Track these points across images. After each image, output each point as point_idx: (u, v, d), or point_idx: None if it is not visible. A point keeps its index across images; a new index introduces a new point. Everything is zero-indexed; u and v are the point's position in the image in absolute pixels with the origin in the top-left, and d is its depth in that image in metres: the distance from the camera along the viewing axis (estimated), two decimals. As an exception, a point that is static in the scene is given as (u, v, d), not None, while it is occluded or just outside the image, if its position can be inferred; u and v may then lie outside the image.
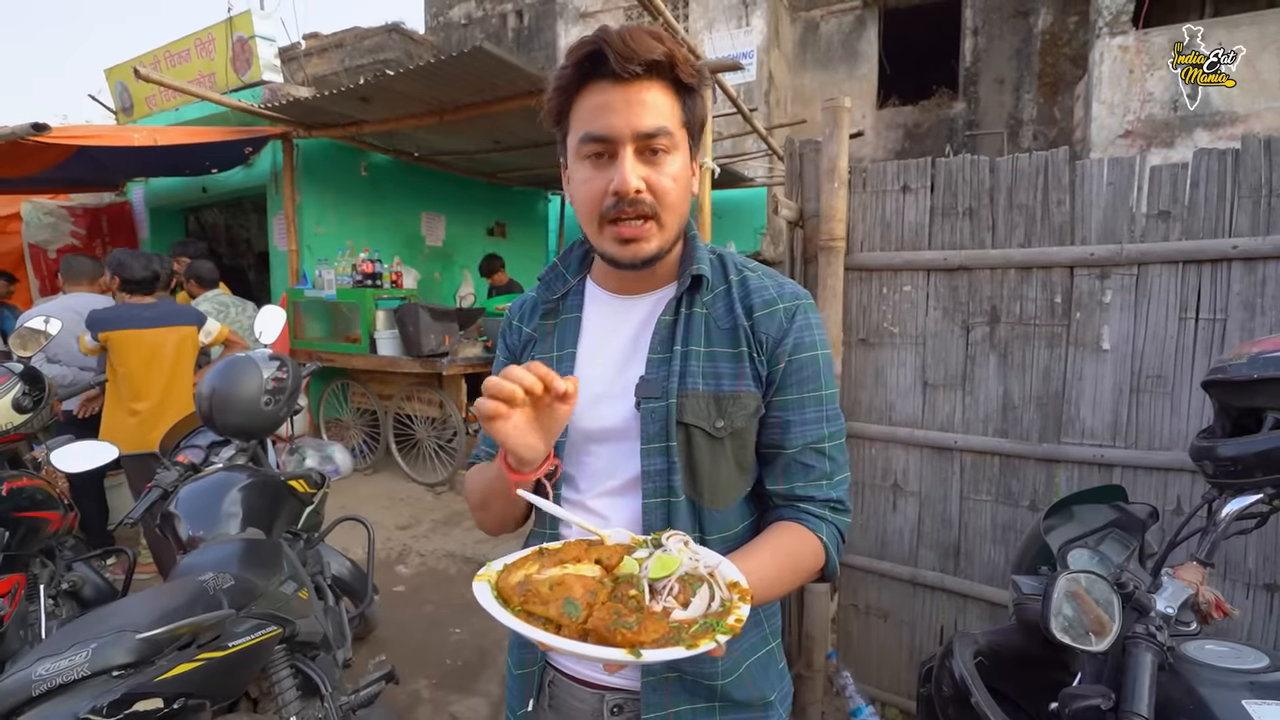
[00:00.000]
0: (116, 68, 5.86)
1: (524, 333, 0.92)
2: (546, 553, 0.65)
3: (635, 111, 0.72)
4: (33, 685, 0.99)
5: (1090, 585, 0.99)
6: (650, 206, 0.74)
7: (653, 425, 0.78)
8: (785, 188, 2.29)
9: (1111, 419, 1.82)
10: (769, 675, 0.86)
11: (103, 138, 3.94)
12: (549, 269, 0.92)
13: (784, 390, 0.80)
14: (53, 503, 2.11)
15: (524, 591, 0.58)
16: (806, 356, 0.81)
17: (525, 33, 11.04)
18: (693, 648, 0.53)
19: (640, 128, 0.72)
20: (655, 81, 0.73)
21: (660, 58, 0.71)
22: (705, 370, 0.79)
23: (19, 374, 2.15)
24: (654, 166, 0.74)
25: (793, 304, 0.82)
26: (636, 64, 0.70)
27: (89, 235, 5.67)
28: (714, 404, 0.78)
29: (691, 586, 0.59)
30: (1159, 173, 1.75)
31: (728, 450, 0.80)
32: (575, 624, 0.56)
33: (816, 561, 0.80)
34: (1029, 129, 8.71)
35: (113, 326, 2.90)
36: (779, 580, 0.75)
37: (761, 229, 7.24)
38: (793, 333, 0.80)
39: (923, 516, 2.12)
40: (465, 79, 3.70)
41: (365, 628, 2.75)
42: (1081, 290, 1.85)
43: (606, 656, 0.53)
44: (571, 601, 0.57)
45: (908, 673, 2.17)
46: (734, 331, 0.81)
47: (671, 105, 0.74)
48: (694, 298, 0.82)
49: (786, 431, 0.81)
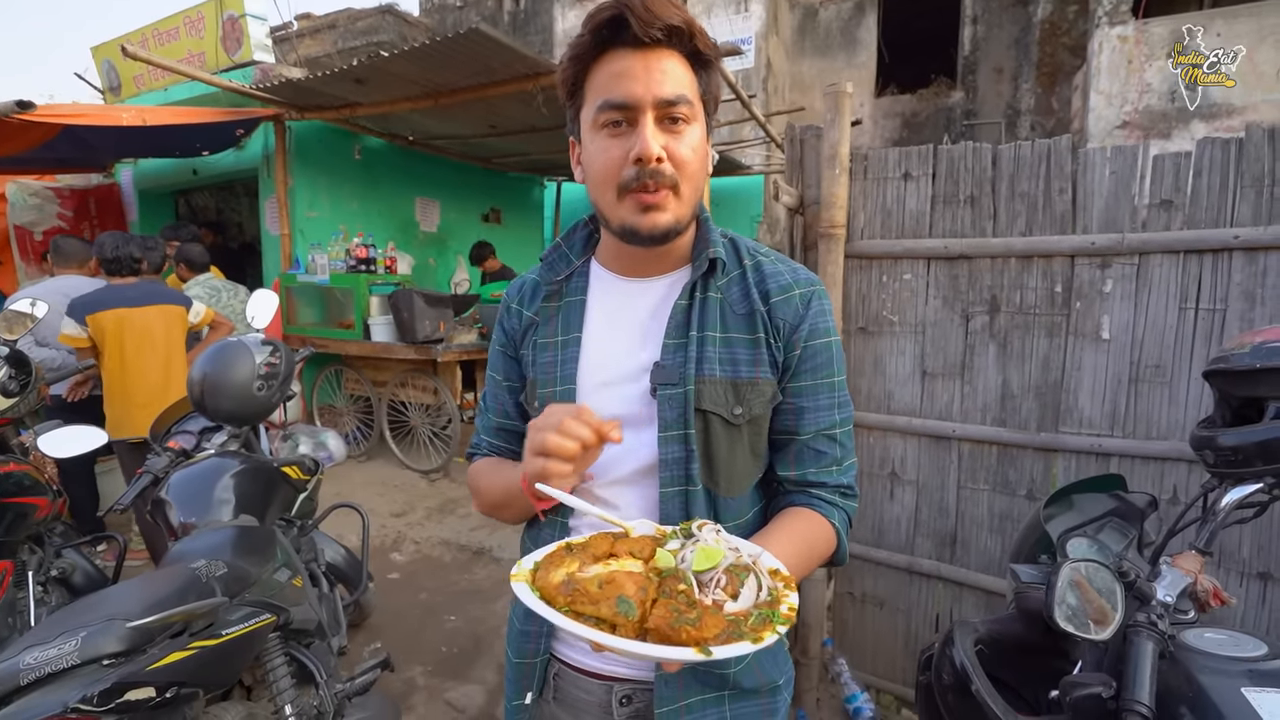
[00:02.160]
0: (103, 46, 5.74)
1: (524, 316, 0.89)
2: (575, 547, 0.63)
3: (656, 78, 0.71)
4: (20, 674, 0.97)
5: (1093, 574, 0.98)
6: (670, 177, 0.72)
7: (670, 412, 0.77)
8: (785, 174, 2.27)
9: (1110, 408, 1.82)
10: (777, 660, 0.86)
11: (90, 117, 3.86)
12: (551, 249, 0.89)
13: (799, 377, 0.80)
14: (40, 488, 2.08)
15: (570, 591, 0.56)
16: (821, 343, 0.80)
17: (521, 16, 10.89)
18: (758, 641, 0.52)
19: (662, 94, 0.71)
20: (674, 50, 0.72)
21: (680, 24, 0.70)
22: (722, 356, 0.78)
23: (4, 357, 2.11)
24: (674, 135, 0.72)
25: (808, 290, 0.81)
26: (658, 28, 0.69)
27: (76, 217, 5.57)
28: (732, 390, 0.77)
29: (739, 577, 0.58)
30: (1161, 162, 1.73)
31: (744, 437, 0.79)
32: (632, 623, 0.54)
33: (829, 547, 0.80)
34: (1027, 119, 8.68)
35: (99, 308, 2.85)
36: (799, 565, 0.75)
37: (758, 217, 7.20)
38: (809, 319, 0.79)
39: (920, 505, 2.12)
40: (461, 61, 3.64)
41: (360, 615, 2.75)
42: (1082, 279, 1.84)
43: (675, 656, 0.51)
44: (625, 600, 0.54)
45: (903, 660, 2.18)
46: (750, 317, 0.79)
47: (690, 76, 0.73)
48: (709, 282, 0.80)
49: (800, 418, 0.80)
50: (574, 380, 0.82)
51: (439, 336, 4.41)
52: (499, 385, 0.92)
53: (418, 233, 6.22)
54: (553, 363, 0.83)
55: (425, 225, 6.30)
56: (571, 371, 0.82)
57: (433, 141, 5.70)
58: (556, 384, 0.82)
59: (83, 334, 2.83)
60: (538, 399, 0.84)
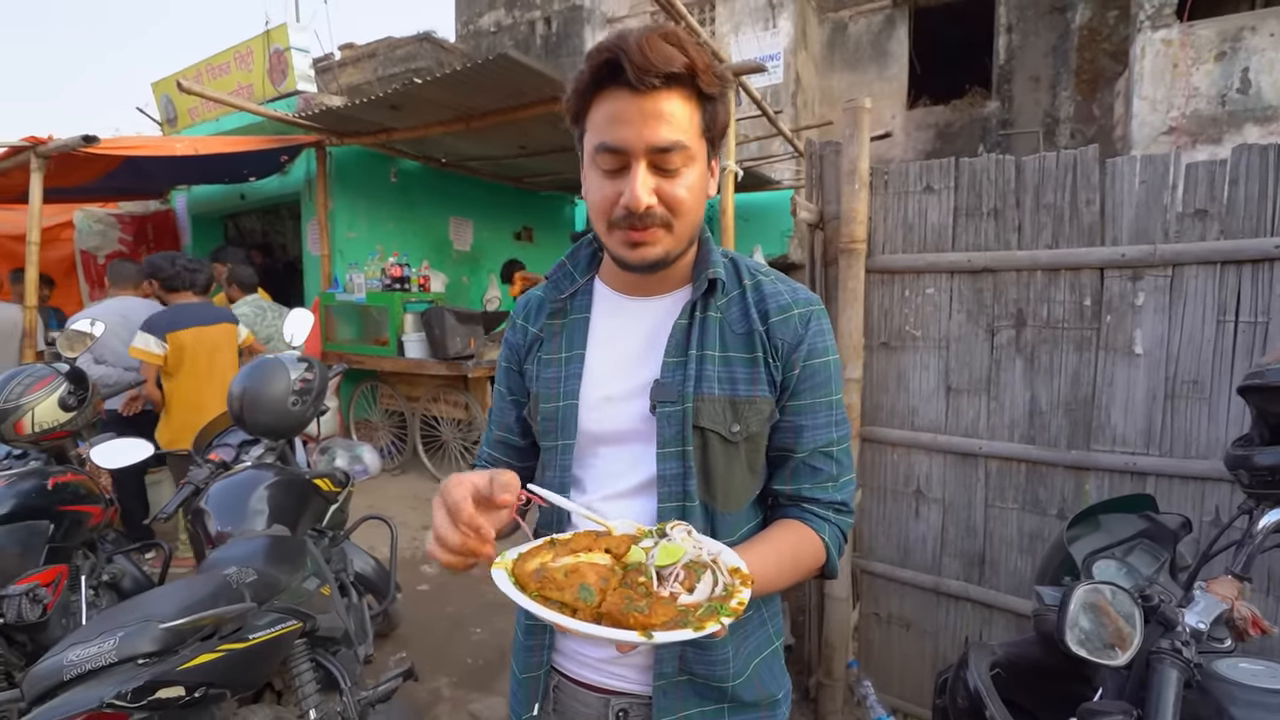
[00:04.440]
0: (162, 81, 6.11)
1: (529, 332, 0.91)
2: (558, 543, 0.67)
3: (650, 125, 0.70)
4: (64, 670, 1.03)
5: (1111, 596, 0.95)
6: (661, 217, 0.73)
7: (669, 429, 0.78)
8: (805, 190, 2.27)
9: (1145, 425, 1.76)
10: (775, 674, 0.87)
11: (148, 148, 4.11)
12: (556, 268, 0.91)
13: (798, 395, 0.81)
14: (95, 497, 2.20)
15: (540, 578, 0.61)
16: (819, 363, 0.81)
17: (553, 39, 11.16)
18: (699, 629, 0.56)
19: (654, 142, 0.70)
20: (674, 91, 0.71)
21: (679, 69, 0.69)
22: (721, 375, 0.79)
23: (64, 374, 2.25)
24: (668, 178, 0.73)
25: (807, 310, 0.82)
26: (654, 76, 0.68)
27: (135, 241, 5.91)
28: (730, 408, 0.79)
29: (696, 573, 0.62)
30: (1195, 170, 1.68)
31: (741, 454, 0.80)
32: (590, 608, 0.58)
33: (817, 560, 0.81)
34: (1066, 127, 8.46)
35: (177, 326, 3.06)
36: (779, 574, 0.76)
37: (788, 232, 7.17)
38: (808, 339, 0.80)
39: (946, 524, 2.07)
40: (491, 85, 3.76)
41: (388, 625, 2.80)
42: (1112, 292, 1.79)
43: (620, 637, 0.55)
44: (586, 587, 0.59)
45: (930, 684, 2.12)
46: (749, 336, 0.81)
47: (690, 115, 0.73)
48: (709, 301, 0.82)
49: (798, 436, 0.81)
50: (576, 396, 0.83)
51: (469, 353, 4.52)
52: (504, 399, 0.95)
53: (452, 251, 6.39)
54: (556, 379, 0.85)
55: (459, 244, 6.47)
56: (574, 387, 0.84)
57: (466, 163, 5.87)
58: (560, 399, 0.84)
59: (160, 350, 3.03)
60: (540, 414, 0.86)
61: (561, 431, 0.84)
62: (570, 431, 0.83)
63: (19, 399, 2.10)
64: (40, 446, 2.20)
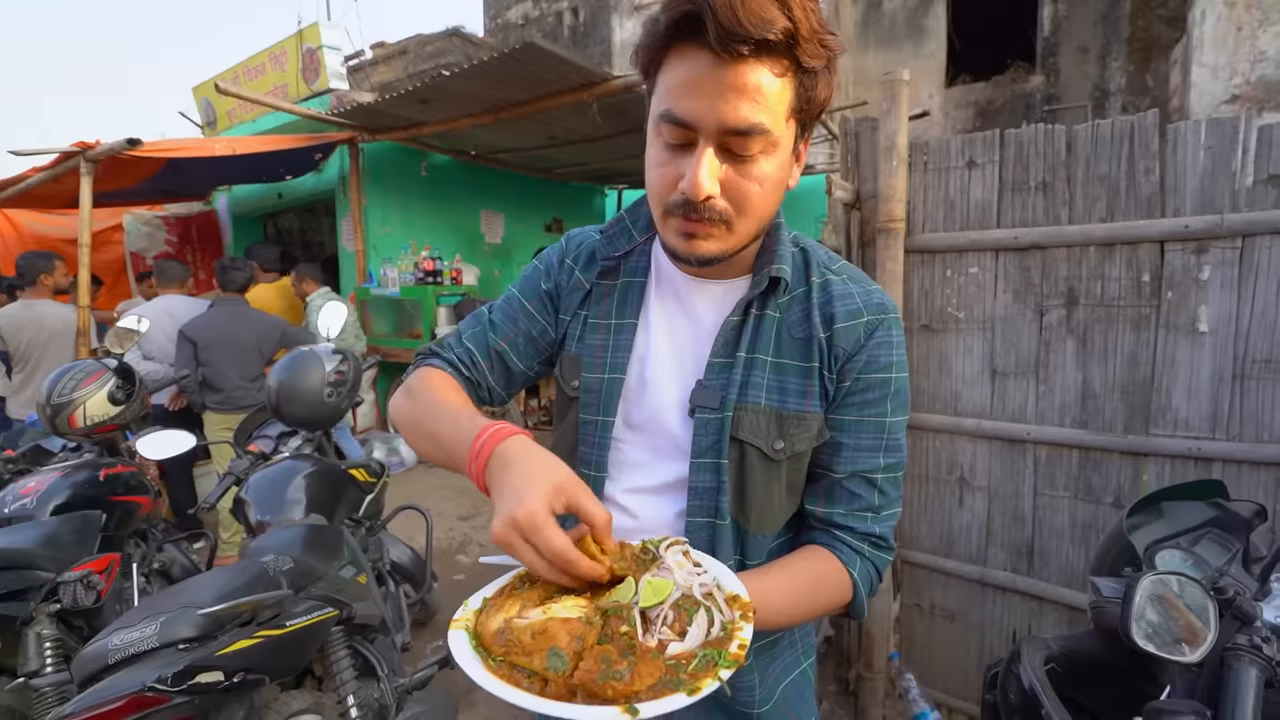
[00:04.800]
0: (202, 85, 6.28)
1: (575, 278, 0.81)
2: (529, 582, 0.59)
3: (729, 101, 0.58)
4: (109, 654, 1.06)
5: (1181, 588, 0.88)
6: (722, 213, 0.63)
7: (705, 438, 0.71)
8: (840, 169, 2.20)
9: (1210, 408, 1.64)
10: (805, 698, 0.81)
11: (188, 150, 4.23)
12: (614, 222, 0.82)
13: (843, 409, 0.72)
14: (144, 488, 2.28)
15: (504, 641, 0.52)
16: (877, 378, 0.72)
17: (581, 29, 11.11)
18: (694, 692, 0.48)
19: (730, 122, 0.58)
20: (766, 61, 0.57)
21: (778, 35, 0.55)
22: (770, 383, 0.71)
23: (113, 369, 2.32)
24: (738, 166, 0.61)
25: (876, 318, 0.72)
26: (743, 42, 0.55)
27: (180, 242, 6.12)
28: (775, 422, 0.71)
29: (688, 612, 0.53)
30: (1269, 132, 1.56)
31: (782, 474, 0.72)
32: (562, 678, 0.50)
33: (841, 596, 0.72)
34: (1116, 100, 8.04)
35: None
36: (794, 607, 0.68)
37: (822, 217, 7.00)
38: (868, 349, 0.71)
39: (992, 513, 1.99)
40: (518, 76, 3.75)
41: (426, 614, 2.84)
42: (1174, 267, 1.67)
43: (598, 718, 0.47)
44: (556, 653, 0.50)
45: (976, 678, 2.04)
46: (808, 343, 0.72)
47: (782, 91, 0.60)
48: (767, 299, 0.73)
49: (837, 454, 0.73)
50: (624, 370, 0.76)
51: (502, 344, 4.54)
52: (520, 314, 0.83)
53: (483, 244, 6.44)
54: (603, 347, 0.78)
55: (490, 237, 6.52)
56: (623, 360, 0.76)
57: (495, 155, 5.89)
58: (605, 370, 0.77)
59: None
60: (580, 380, 0.78)
61: (603, 407, 0.76)
62: (612, 408, 0.76)
63: (71, 393, 2.18)
64: (92, 439, 2.28)
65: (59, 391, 2.17)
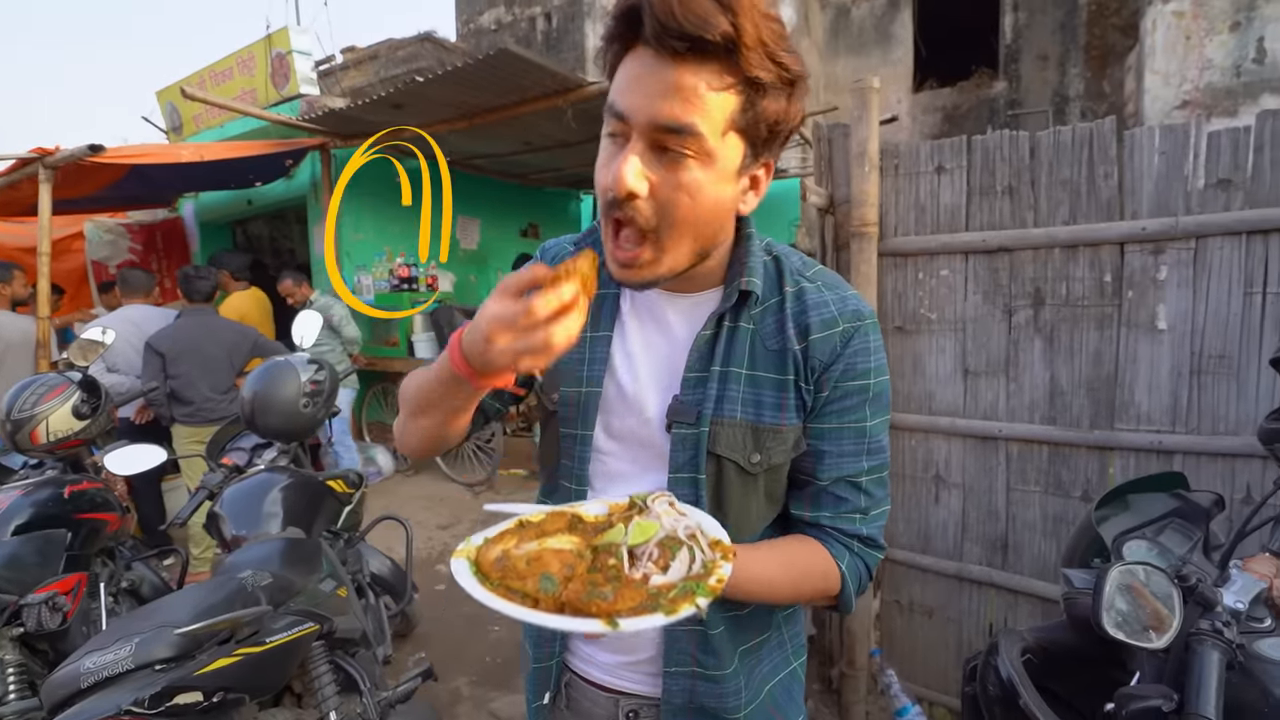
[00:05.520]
0: (166, 89, 6.13)
1: None
2: (527, 525, 0.63)
3: (663, 97, 0.57)
4: (81, 678, 1.03)
5: (1148, 577, 0.92)
6: (648, 220, 0.61)
7: (682, 454, 0.71)
8: (814, 174, 2.24)
9: (1170, 403, 1.71)
10: (793, 698, 0.81)
11: (154, 156, 4.12)
12: (588, 232, 0.81)
13: (823, 418, 0.72)
14: (111, 505, 2.21)
15: (502, 568, 0.57)
16: (855, 385, 0.71)
17: (554, 34, 11.11)
18: (672, 614, 0.52)
19: (658, 117, 0.57)
20: (706, 63, 0.56)
21: (716, 37, 0.55)
22: (746, 396, 0.71)
23: (77, 383, 2.25)
24: (668, 168, 0.60)
25: (852, 325, 0.71)
26: (676, 37, 0.55)
27: (145, 250, 5.94)
28: (752, 436, 0.70)
29: (671, 550, 0.57)
30: (1217, 139, 1.63)
31: (760, 485, 0.72)
32: (552, 598, 0.54)
33: (827, 584, 0.72)
34: (1076, 105, 8.31)
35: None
36: (778, 584, 0.69)
37: (796, 220, 7.09)
38: (844, 358, 0.71)
39: (967, 509, 2.04)
40: (493, 82, 3.73)
41: (406, 626, 2.81)
42: (1133, 267, 1.74)
43: (582, 627, 0.52)
44: (548, 576, 0.55)
45: (955, 671, 2.09)
46: (783, 355, 0.71)
47: (722, 101, 0.58)
48: (740, 311, 0.72)
49: (820, 461, 0.73)
50: (600, 383, 0.76)
51: (479, 351, 4.51)
52: None
53: (458, 250, 6.38)
54: (579, 360, 0.78)
55: (466, 243, 6.47)
56: (599, 373, 0.76)
57: (470, 161, 5.85)
58: (583, 384, 0.77)
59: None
60: (559, 394, 0.79)
61: (581, 420, 0.76)
62: (590, 421, 0.76)
63: (33, 408, 2.11)
64: (55, 455, 2.21)
65: (19, 407, 2.10)
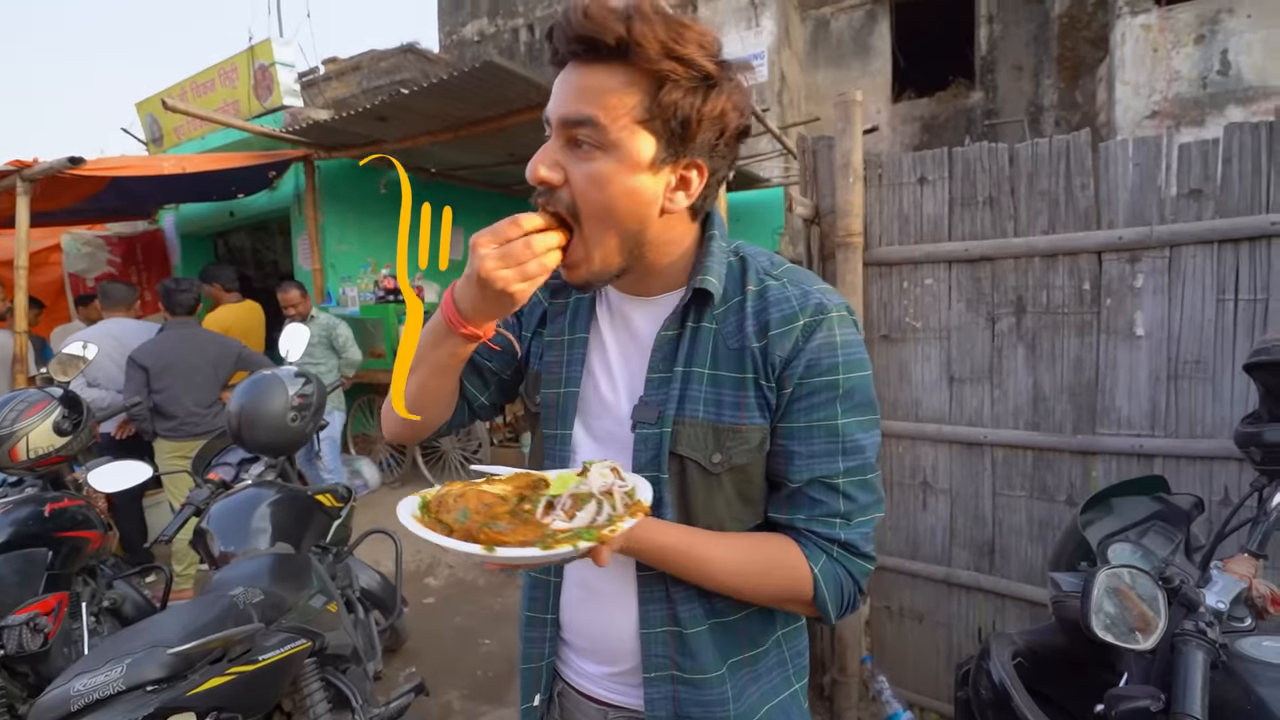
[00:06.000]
0: (146, 100, 6.06)
1: (536, 298, 0.85)
2: (492, 480, 0.68)
3: (568, 96, 0.65)
4: (71, 701, 1.01)
5: (1133, 580, 0.94)
6: (568, 207, 0.66)
7: (645, 454, 0.72)
8: (800, 185, 2.27)
9: (1149, 407, 1.76)
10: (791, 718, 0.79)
11: (134, 168, 4.07)
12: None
13: (789, 417, 0.70)
14: (93, 522, 2.17)
15: (438, 503, 0.63)
16: (822, 380, 0.69)
17: (537, 46, 11.14)
18: (547, 549, 0.56)
19: (564, 113, 0.64)
20: (608, 65, 0.63)
21: (611, 40, 0.61)
22: (707, 396, 0.71)
23: (58, 398, 2.21)
24: (578, 160, 0.65)
25: (814, 319, 0.69)
26: (575, 43, 0.63)
27: (124, 263, 5.85)
28: (712, 435, 0.70)
29: (582, 502, 0.62)
30: (1188, 151, 1.69)
31: (725, 485, 0.72)
32: (461, 527, 0.59)
33: (797, 585, 0.70)
34: (1050, 115, 8.51)
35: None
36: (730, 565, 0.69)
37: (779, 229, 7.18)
38: (806, 353, 0.69)
39: (954, 514, 2.07)
40: (478, 94, 3.75)
41: (396, 640, 2.77)
42: (1111, 275, 1.79)
43: (463, 549, 0.56)
44: (465, 511, 0.61)
45: (946, 676, 2.11)
46: (741, 354, 0.71)
47: (622, 94, 0.63)
48: (702, 311, 0.73)
49: (790, 463, 0.71)
50: (578, 383, 0.79)
51: (467, 361, 4.49)
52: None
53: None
54: (559, 363, 0.81)
55: (451, 253, 6.45)
56: (576, 374, 0.79)
57: (455, 172, 5.85)
58: (561, 385, 0.80)
59: None
60: (540, 396, 0.82)
61: (560, 420, 0.79)
62: (569, 421, 0.78)
63: (12, 425, 2.06)
64: (36, 472, 2.16)
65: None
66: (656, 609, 0.74)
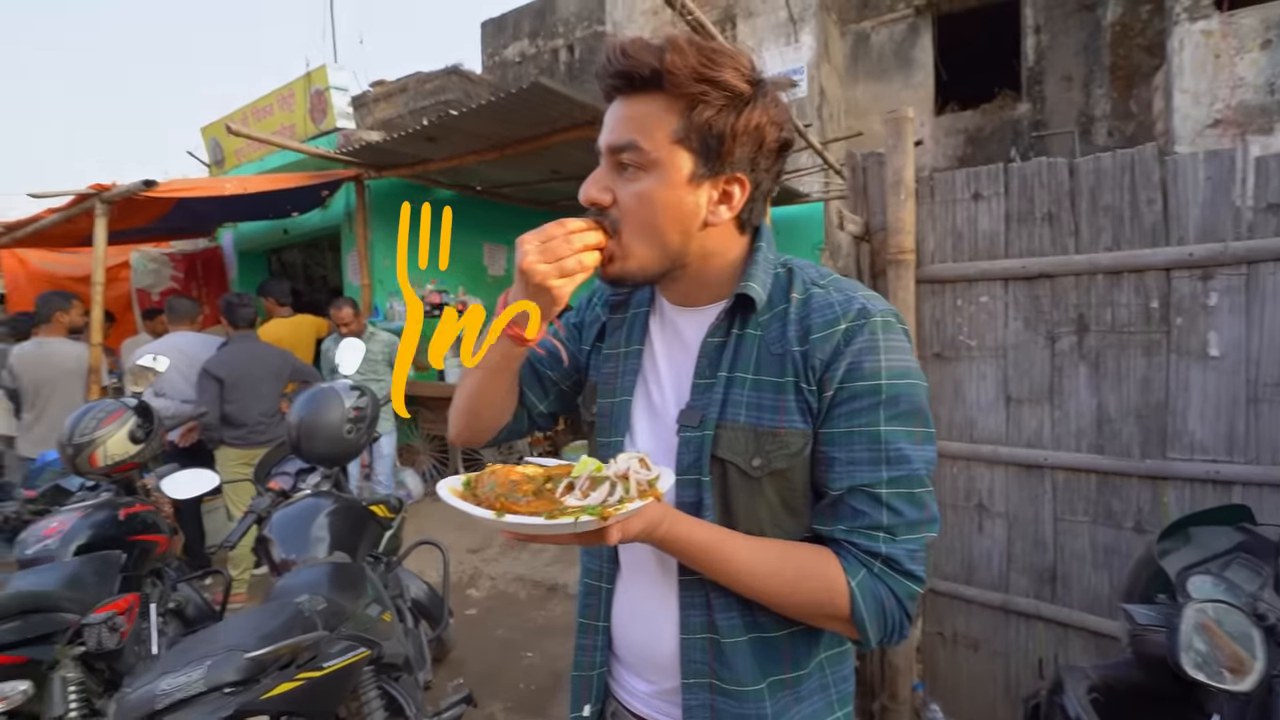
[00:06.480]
0: (210, 125, 6.40)
1: (595, 312, 0.92)
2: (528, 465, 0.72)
3: (614, 126, 0.71)
4: (156, 699, 1.05)
5: (1222, 616, 0.90)
6: (612, 223, 0.72)
7: (687, 456, 0.74)
8: (849, 202, 2.25)
9: (1226, 431, 1.67)
10: None
11: (200, 189, 4.29)
12: None
13: (830, 422, 0.70)
14: (161, 526, 2.27)
15: (477, 479, 0.68)
16: (863, 385, 0.69)
17: (576, 65, 11.37)
18: (551, 518, 0.60)
19: (608, 140, 0.72)
20: (646, 95, 0.69)
21: (645, 72, 0.68)
22: (749, 400, 0.73)
23: (133, 408, 2.33)
24: (621, 178, 0.72)
25: (856, 323, 0.70)
26: (614, 78, 0.70)
27: (186, 278, 6.16)
28: (753, 439, 0.71)
29: (599, 484, 0.65)
30: (1266, 164, 1.62)
31: (767, 491, 0.72)
32: (486, 499, 0.64)
33: (831, 599, 0.68)
34: (1102, 125, 8.25)
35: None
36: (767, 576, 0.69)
37: (820, 244, 7.12)
38: (847, 356, 0.69)
39: (1012, 538, 2.00)
40: (524, 114, 3.84)
41: (442, 650, 2.81)
42: (1181, 294, 1.72)
43: (476, 513, 0.61)
44: (493, 485, 0.65)
45: (1003, 707, 2.03)
46: (783, 358, 0.72)
47: (659, 118, 0.69)
48: (747, 318, 0.75)
49: (830, 469, 0.71)
50: (631, 392, 0.82)
51: (509, 375, 4.56)
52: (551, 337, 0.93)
53: (486, 277, 6.50)
54: (614, 374, 0.85)
55: (493, 269, 6.59)
56: (630, 384, 0.83)
57: (499, 189, 5.99)
58: (616, 394, 0.83)
59: None
60: (598, 407, 0.85)
61: (614, 428, 0.82)
62: (621, 428, 0.81)
63: (93, 433, 2.18)
64: (111, 478, 2.28)
65: (80, 431, 2.18)
66: (696, 615, 0.75)
